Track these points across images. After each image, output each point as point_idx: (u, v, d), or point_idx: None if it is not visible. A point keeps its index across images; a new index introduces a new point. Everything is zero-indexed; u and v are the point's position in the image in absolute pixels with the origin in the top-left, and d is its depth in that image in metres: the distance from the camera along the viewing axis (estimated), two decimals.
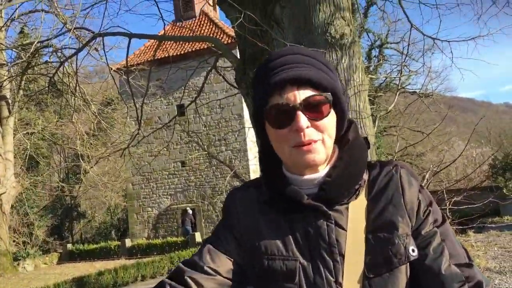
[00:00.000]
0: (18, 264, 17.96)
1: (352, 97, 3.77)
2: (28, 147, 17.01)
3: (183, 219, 19.98)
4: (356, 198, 1.07)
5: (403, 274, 1.01)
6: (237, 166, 19.31)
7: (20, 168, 19.57)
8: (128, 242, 19.93)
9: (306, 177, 1.07)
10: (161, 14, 5.58)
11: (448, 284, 0.99)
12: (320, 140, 1.03)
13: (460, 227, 5.05)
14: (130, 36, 4.94)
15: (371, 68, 21.00)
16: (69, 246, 21.52)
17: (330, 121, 1.04)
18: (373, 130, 4.08)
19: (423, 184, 1.25)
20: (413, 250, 1.01)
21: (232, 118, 20.53)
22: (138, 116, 5.53)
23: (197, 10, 21.65)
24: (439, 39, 6.23)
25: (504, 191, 18.17)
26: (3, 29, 15.37)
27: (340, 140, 1.11)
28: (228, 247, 1.12)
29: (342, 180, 1.06)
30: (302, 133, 1.00)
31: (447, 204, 4.42)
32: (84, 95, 10.55)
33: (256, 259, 1.08)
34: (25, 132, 18.67)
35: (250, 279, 1.11)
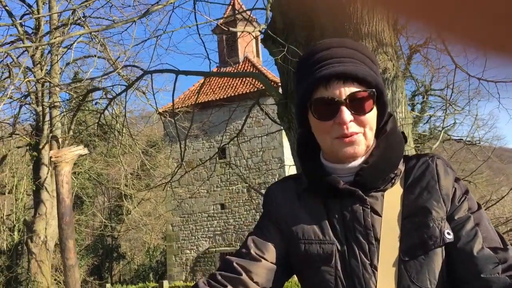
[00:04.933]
0: None
1: None
2: (75, 185, 17.57)
3: None
4: (392, 186, 1.10)
5: (438, 256, 1.02)
6: None
7: None
8: (166, 284, 19.82)
9: (344, 165, 1.10)
10: (207, 53, 5.81)
11: (481, 265, 0.98)
12: (361, 133, 1.06)
13: None
14: (177, 73, 5.14)
15: (414, 114, 20.72)
16: (108, 286, 21.62)
17: (372, 115, 1.08)
18: None
19: None
20: (448, 233, 1.03)
21: (272, 162, 20.58)
22: (181, 151, 5.66)
23: (241, 57, 22.35)
24: (484, 79, 6.13)
25: None
26: (58, 73, 16.32)
27: (379, 131, 1.13)
28: (270, 235, 1.15)
29: (378, 166, 1.08)
30: (345, 126, 1.03)
31: None
32: (130, 135, 10.91)
33: (294, 244, 1.12)
34: (72, 171, 19.32)
35: (292, 264, 1.15)
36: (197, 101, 8.00)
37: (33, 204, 18.01)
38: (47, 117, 15.81)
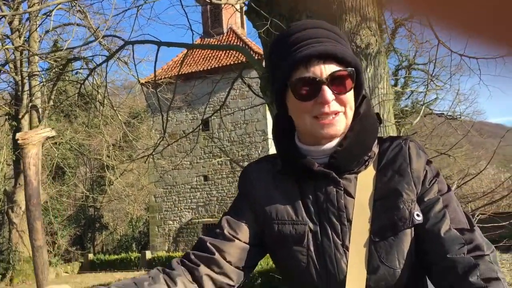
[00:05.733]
0: None
1: (376, 107, 3.76)
2: (56, 155, 17.38)
3: None
4: (365, 169, 1.11)
5: (408, 237, 1.05)
6: None
7: (47, 176, 19.97)
8: (148, 254, 20.02)
9: (318, 147, 1.11)
10: (190, 24, 5.70)
11: (448, 246, 1.00)
12: (342, 112, 1.07)
13: None
14: (159, 44, 5.05)
15: (397, 89, 20.80)
16: (91, 256, 21.73)
17: (351, 94, 1.09)
18: None
19: None
20: (417, 215, 1.05)
21: (256, 134, 20.62)
22: (163, 122, 5.63)
23: (225, 27, 22.05)
24: (466, 56, 6.16)
25: None
26: (37, 41, 15.90)
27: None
28: (244, 215, 1.17)
29: (352, 149, 1.09)
30: (327, 106, 1.04)
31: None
32: (112, 106, 10.77)
33: (268, 225, 1.13)
34: (53, 141, 19.09)
35: (266, 244, 1.17)
36: (180, 72, 7.91)
37: (13, 174, 17.82)
38: (26, 87, 15.49)
